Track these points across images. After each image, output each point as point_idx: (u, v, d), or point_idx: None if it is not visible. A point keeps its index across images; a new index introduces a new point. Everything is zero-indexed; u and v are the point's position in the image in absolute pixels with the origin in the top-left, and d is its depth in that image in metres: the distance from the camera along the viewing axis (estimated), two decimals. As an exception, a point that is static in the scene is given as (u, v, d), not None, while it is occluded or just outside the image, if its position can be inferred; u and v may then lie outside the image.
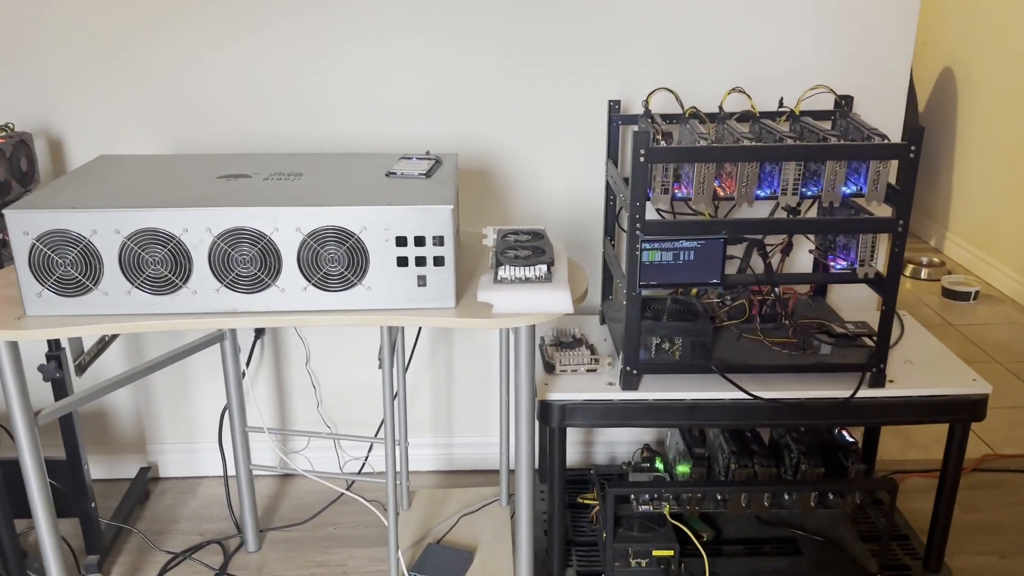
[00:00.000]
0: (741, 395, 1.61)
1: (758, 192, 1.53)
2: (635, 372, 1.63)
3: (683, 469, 1.88)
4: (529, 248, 1.41)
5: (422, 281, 1.33)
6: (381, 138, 1.95)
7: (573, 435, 2.28)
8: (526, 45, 1.88)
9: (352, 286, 1.33)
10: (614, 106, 1.80)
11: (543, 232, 1.52)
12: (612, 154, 1.84)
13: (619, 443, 2.32)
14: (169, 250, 1.28)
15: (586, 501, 2.03)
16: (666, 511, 1.83)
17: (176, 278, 1.30)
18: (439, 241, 1.31)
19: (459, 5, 1.85)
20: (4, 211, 1.25)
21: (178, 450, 2.26)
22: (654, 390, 1.64)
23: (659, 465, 1.96)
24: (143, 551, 1.98)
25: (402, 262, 1.32)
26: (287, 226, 1.29)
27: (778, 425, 1.85)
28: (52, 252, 1.27)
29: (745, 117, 1.69)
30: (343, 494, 2.16)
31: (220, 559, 1.95)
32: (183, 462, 2.27)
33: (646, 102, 1.67)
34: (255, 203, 1.29)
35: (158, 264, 1.29)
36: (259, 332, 2.10)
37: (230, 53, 1.87)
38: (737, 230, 1.52)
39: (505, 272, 1.35)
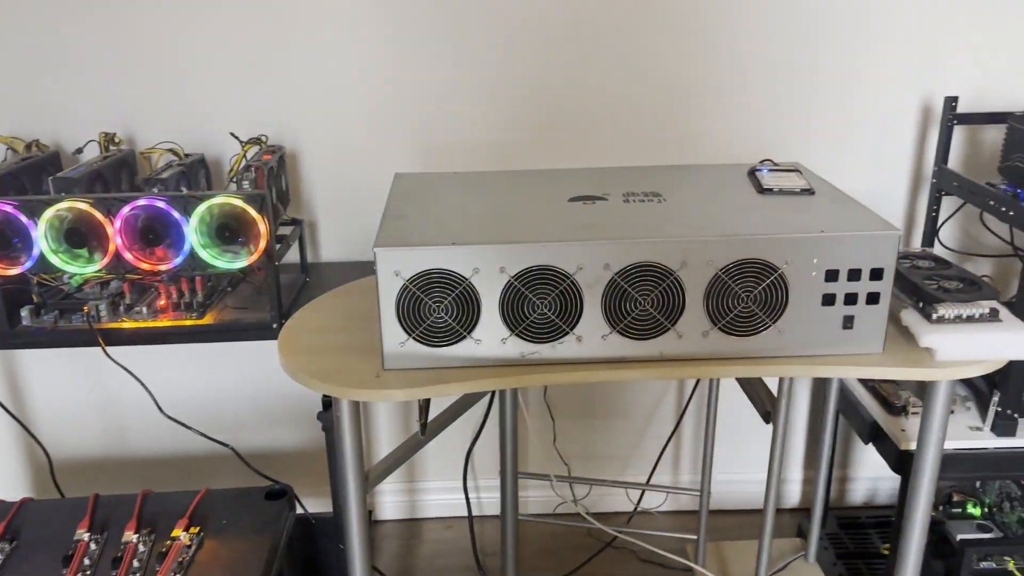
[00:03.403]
0: None
1: None
2: (1016, 416, 1.39)
3: (1016, 518, 1.63)
4: (956, 279, 1.18)
5: (848, 322, 1.11)
6: (655, 144, 1.73)
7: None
8: (809, 41, 1.65)
9: (763, 329, 1.11)
10: (951, 103, 1.56)
11: (934, 254, 1.28)
12: (942, 157, 1.60)
13: (882, 479, 2.08)
14: (560, 291, 1.07)
15: (887, 552, 1.80)
16: (1011, 567, 1.60)
17: (564, 323, 1.09)
18: (877, 275, 1.08)
19: None
20: (376, 249, 1.04)
21: (396, 491, 2.06)
22: (1032, 435, 1.40)
23: (974, 510, 1.72)
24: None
25: (828, 300, 1.09)
26: (698, 260, 1.07)
27: None
28: (425, 295, 1.06)
29: None
30: (618, 536, 1.93)
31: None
32: (401, 504, 2.07)
33: (1032, 99, 1.43)
34: (658, 235, 1.07)
35: (545, 307, 1.08)
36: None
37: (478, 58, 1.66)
38: None
39: (946, 310, 1.12)
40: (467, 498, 1.90)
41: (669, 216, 1.15)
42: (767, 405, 1.30)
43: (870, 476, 2.07)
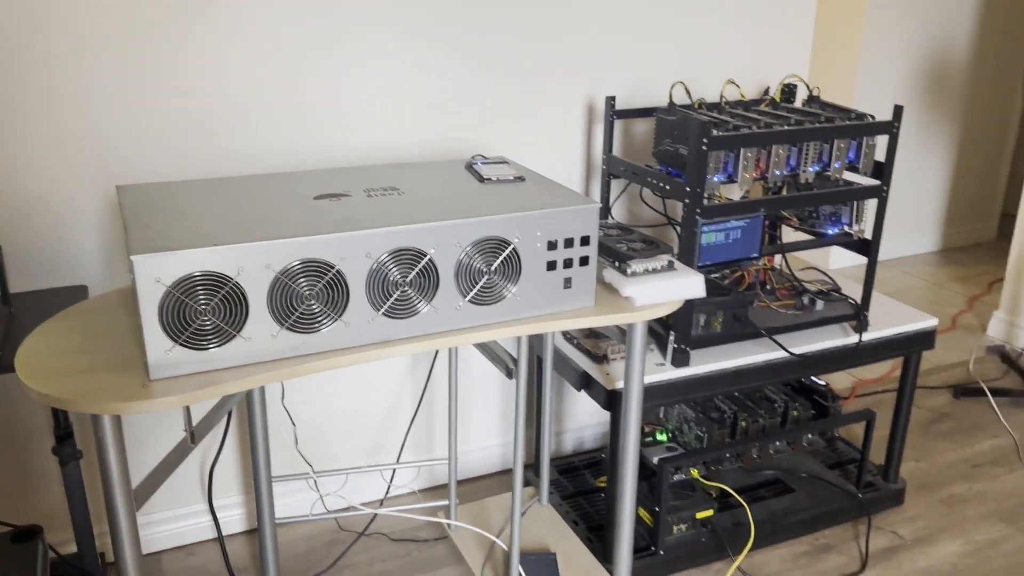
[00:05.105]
0: (774, 356, 1.79)
1: (776, 172, 1.71)
2: (687, 349, 1.73)
3: (694, 435, 2.02)
4: (638, 241, 1.45)
5: (568, 283, 1.32)
6: (362, 148, 1.84)
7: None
8: (497, 55, 1.89)
9: (504, 297, 1.28)
10: (611, 102, 1.88)
11: (619, 223, 1.56)
12: (608, 147, 1.91)
13: (586, 427, 2.40)
14: (327, 282, 1.14)
15: (602, 484, 2.10)
16: (695, 474, 1.97)
17: (333, 311, 1.16)
18: (586, 241, 1.31)
19: (433, 18, 1.80)
20: (133, 257, 1.02)
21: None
22: (700, 363, 1.76)
23: (661, 437, 2.08)
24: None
25: (551, 266, 1.30)
26: (448, 242, 1.20)
27: (801, 377, 2.02)
28: (189, 299, 1.07)
29: (735, 105, 1.86)
30: (376, 517, 1.99)
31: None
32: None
33: (670, 94, 1.77)
34: (412, 221, 1.19)
35: (313, 299, 1.14)
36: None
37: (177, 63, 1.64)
38: (773, 207, 1.69)
39: (636, 265, 1.38)
40: (215, 517, 1.85)
41: (413, 206, 1.27)
42: (509, 363, 1.49)
43: (576, 427, 2.38)
